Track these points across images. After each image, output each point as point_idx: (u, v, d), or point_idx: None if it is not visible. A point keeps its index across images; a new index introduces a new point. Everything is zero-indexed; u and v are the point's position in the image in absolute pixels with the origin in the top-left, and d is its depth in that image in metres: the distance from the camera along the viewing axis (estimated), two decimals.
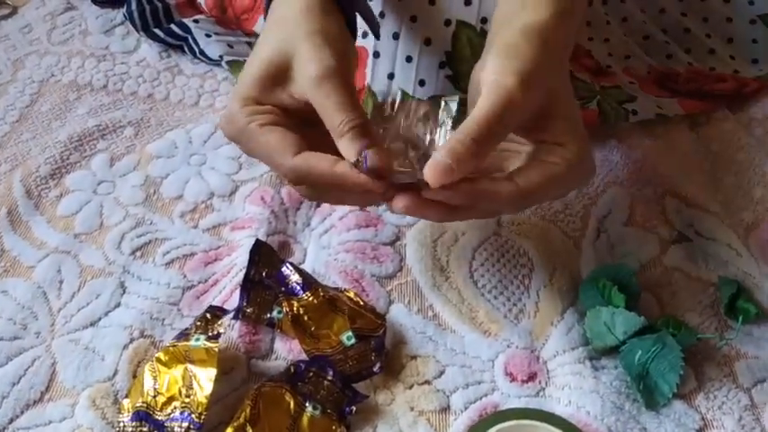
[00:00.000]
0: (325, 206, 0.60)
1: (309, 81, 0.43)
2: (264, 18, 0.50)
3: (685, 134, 0.66)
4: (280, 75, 0.45)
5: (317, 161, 0.42)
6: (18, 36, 0.79)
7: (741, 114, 0.68)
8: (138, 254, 0.57)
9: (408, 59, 0.58)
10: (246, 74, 0.46)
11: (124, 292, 0.54)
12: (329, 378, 0.47)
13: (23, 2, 0.84)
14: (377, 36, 0.57)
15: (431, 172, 0.39)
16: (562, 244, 0.57)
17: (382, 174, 0.41)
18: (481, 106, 0.41)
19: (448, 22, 0.58)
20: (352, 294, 0.52)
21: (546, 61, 0.44)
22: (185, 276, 0.55)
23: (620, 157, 0.64)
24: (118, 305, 0.53)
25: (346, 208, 0.59)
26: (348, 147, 0.41)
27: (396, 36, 0.59)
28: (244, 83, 0.46)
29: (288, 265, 0.51)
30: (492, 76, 0.42)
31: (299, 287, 0.50)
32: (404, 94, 0.45)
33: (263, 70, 0.45)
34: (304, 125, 0.45)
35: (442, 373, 0.49)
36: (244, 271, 0.52)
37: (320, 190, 0.45)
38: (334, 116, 0.42)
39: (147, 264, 0.56)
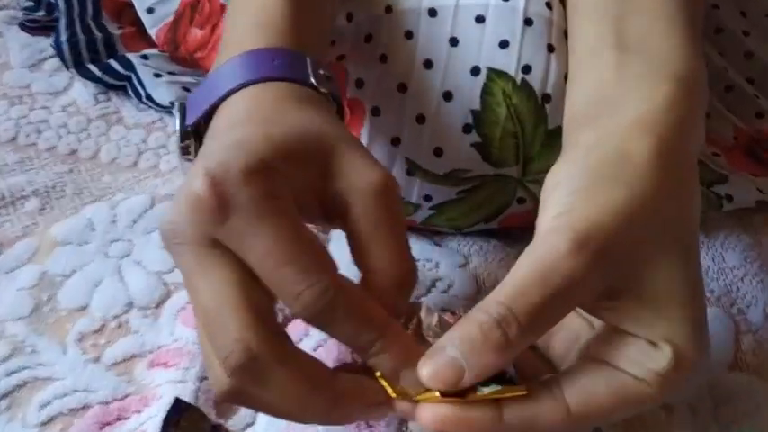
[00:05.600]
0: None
1: (371, 190, 0.33)
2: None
3: None
4: (313, 157, 0.33)
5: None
6: None
7: None
8: (4, 405, 0.38)
9: (420, 119, 0.45)
10: (254, 134, 0.32)
11: None
12: None
13: None
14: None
15: (425, 374, 0.29)
16: None
17: None
18: (513, 272, 0.30)
19: (476, 71, 0.45)
20: None
21: (633, 198, 0.30)
22: None
23: (711, 261, 0.48)
24: None
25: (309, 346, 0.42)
26: None
27: (403, 88, 0.45)
28: (253, 142, 0.31)
29: None
30: (547, 222, 0.31)
31: None
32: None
33: (292, 139, 0.32)
34: None
35: None
36: None
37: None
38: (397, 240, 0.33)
39: (12, 422, 0.37)
